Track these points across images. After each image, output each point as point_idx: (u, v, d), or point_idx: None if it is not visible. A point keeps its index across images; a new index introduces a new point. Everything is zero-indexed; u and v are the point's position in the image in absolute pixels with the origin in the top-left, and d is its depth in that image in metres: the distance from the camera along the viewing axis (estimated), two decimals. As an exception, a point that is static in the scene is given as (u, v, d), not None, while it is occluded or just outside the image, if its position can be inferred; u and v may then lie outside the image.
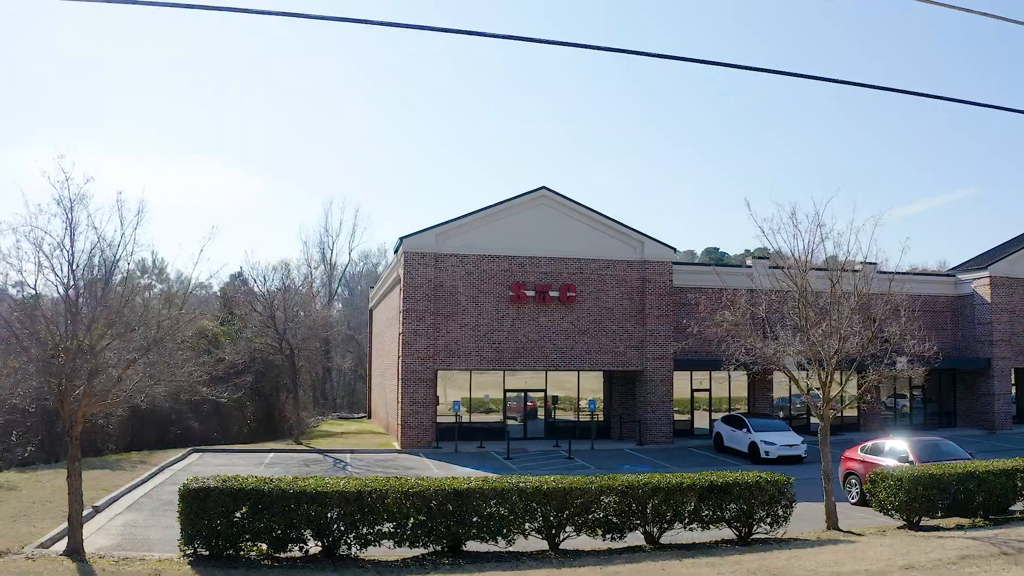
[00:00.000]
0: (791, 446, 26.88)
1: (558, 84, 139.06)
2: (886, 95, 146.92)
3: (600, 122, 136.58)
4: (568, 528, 13.61)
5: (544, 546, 13.62)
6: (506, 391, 32.66)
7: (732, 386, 34.84)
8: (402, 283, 30.51)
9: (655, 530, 14.08)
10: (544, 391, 33.13)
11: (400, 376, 30.37)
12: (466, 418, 31.70)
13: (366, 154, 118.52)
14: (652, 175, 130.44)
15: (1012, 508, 16.99)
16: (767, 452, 26.79)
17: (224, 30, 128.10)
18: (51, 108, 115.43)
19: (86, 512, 16.89)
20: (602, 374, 33.52)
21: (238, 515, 12.57)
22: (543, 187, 31.70)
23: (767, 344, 17.10)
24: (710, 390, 34.66)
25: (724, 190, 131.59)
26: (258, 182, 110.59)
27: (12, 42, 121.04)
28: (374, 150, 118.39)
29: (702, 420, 34.34)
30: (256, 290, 37.21)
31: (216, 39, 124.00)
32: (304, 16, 6.92)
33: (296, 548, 12.85)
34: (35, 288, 13.50)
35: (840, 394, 17.23)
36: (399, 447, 30.03)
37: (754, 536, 14.49)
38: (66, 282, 13.00)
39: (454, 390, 31.97)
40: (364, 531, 12.84)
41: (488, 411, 32.89)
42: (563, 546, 13.65)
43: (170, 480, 21.51)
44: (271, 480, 13.13)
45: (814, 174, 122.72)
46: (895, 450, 19.31)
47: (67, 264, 13.04)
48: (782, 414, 34.12)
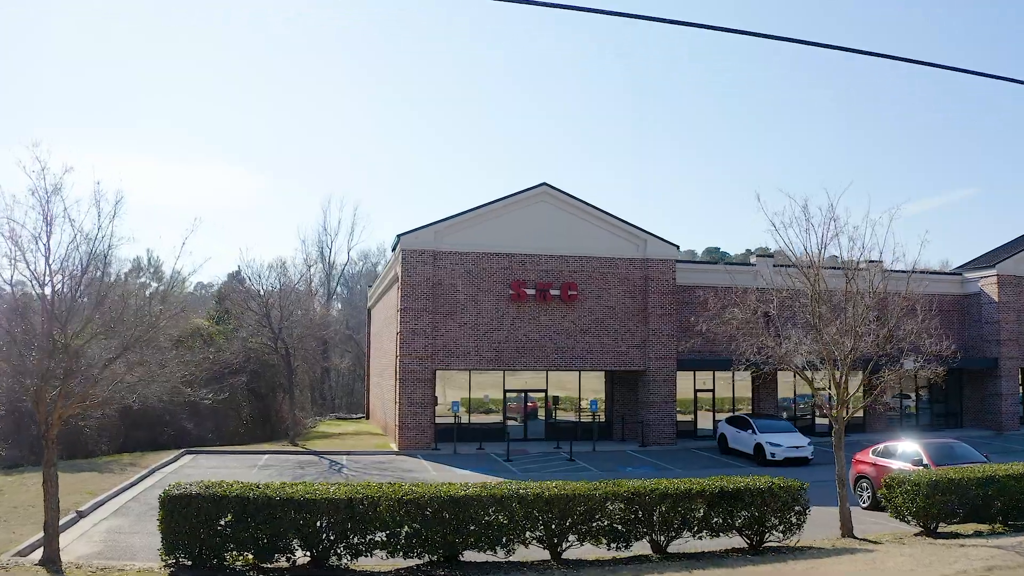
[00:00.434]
0: (797, 448, 26.27)
1: (559, 82, 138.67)
2: (886, 95, 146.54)
3: (601, 121, 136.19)
4: (571, 537, 13.01)
5: (545, 556, 13.01)
6: (506, 391, 32.03)
7: (736, 386, 34.20)
8: (400, 281, 29.86)
9: (663, 539, 13.46)
10: (545, 391, 32.50)
11: (398, 376, 29.74)
12: (465, 419, 31.04)
13: (367, 152, 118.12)
14: (652, 175, 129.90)
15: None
16: (773, 454, 26.17)
17: (226, 28, 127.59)
18: (51, 108, 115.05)
19: (69, 517, 16.28)
20: (604, 374, 32.88)
21: (222, 523, 12.03)
22: (544, 184, 31.02)
23: (779, 343, 16.45)
24: (713, 390, 34.04)
25: (724, 190, 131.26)
26: (259, 180, 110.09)
27: (12, 42, 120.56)
28: (375, 148, 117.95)
29: (705, 421, 33.72)
30: (251, 288, 36.64)
31: (218, 37, 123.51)
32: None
33: (283, 558, 12.25)
34: (11, 283, 12.91)
35: (856, 394, 16.58)
36: (397, 449, 29.42)
37: (766, 544, 13.88)
38: (41, 278, 12.38)
39: (453, 390, 31.31)
40: (355, 540, 12.25)
41: (488, 412, 32.24)
42: (565, 556, 13.04)
43: (160, 483, 20.88)
44: (257, 486, 12.53)
45: (815, 175, 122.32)
46: (907, 453, 18.81)
47: (43, 258, 12.43)
48: (786, 415, 33.53)
